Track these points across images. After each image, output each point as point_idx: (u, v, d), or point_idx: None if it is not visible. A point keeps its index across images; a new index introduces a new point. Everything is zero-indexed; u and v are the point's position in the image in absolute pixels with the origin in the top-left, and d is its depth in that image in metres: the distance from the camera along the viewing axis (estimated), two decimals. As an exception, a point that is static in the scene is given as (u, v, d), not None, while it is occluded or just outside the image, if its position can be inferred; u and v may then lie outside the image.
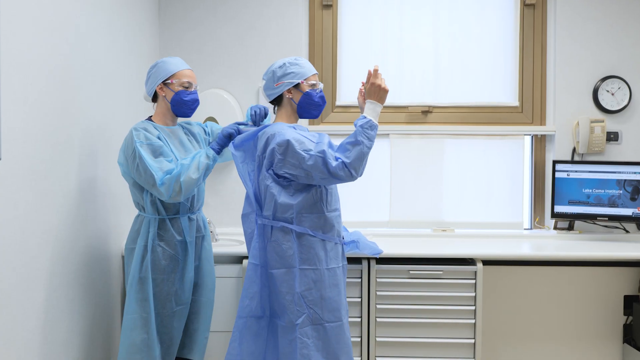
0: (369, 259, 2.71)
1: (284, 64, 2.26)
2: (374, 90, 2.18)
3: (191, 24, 3.26)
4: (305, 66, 2.27)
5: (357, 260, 2.69)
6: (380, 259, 2.70)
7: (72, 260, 2.27)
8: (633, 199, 3.05)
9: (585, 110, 3.23)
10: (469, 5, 3.32)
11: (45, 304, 2.07)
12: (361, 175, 2.13)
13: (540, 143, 3.35)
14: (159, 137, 2.29)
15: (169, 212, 2.33)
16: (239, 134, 2.33)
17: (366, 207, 3.31)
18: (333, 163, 2.07)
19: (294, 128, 2.22)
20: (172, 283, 2.32)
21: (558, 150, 3.25)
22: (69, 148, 2.25)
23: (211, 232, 3.01)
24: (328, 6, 3.34)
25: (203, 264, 2.46)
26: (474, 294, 2.69)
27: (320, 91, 2.28)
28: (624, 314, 3.14)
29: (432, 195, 3.29)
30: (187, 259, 2.36)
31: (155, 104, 2.40)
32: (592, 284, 3.15)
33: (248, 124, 2.40)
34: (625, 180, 3.06)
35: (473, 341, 2.69)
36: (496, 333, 3.16)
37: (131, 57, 2.88)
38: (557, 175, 3.13)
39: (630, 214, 3.05)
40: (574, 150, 3.23)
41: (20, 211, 1.91)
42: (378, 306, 2.70)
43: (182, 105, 2.34)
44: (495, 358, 3.16)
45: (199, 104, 2.40)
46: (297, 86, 2.25)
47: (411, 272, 2.70)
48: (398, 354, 2.71)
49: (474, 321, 2.69)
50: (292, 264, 2.15)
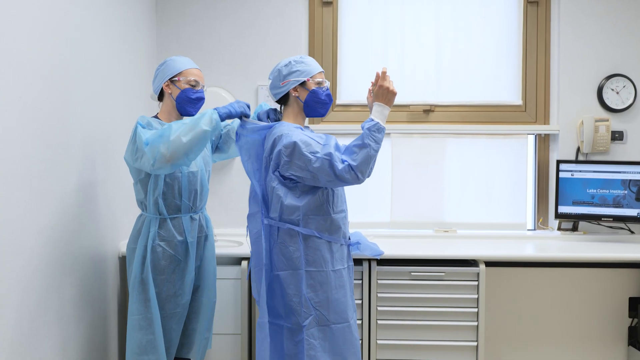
0: (369, 260, 2.70)
1: (290, 62, 2.25)
2: (381, 93, 2.17)
3: (189, 21, 3.25)
4: (312, 64, 2.26)
5: (358, 262, 2.69)
6: (381, 260, 2.69)
7: (68, 262, 2.26)
8: (638, 199, 3.03)
9: (590, 109, 3.21)
10: (472, 2, 3.31)
11: (39, 306, 2.05)
12: (368, 178, 2.13)
13: (543, 142, 3.33)
14: None
15: (170, 212, 2.30)
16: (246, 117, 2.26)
17: (367, 208, 3.30)
18: (339, 166, 2.07)
19: (301, 129, 2.21)
20: (172, 284, 2.30)
21: (562, 149, 3.23)
22: (66, 148, 2.23)
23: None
24: (328, 3, 3.32)
25: (205, 264, 2.44)
26: (476, 296, 2.69)
27: (327, 89, 2.28)
28: (629, 316, 3.13)
29: (434, 195, 3.27)
30: (188, 259, 2.34)
31: (161, 103, 2.40)
32: (597, 285, 3.14)
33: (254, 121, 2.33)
34: (631, 180, 3.04)
35: (475, 344, 2.68)
36: (499, 335, 3.14)
37: (128, 54, 2.87)
38: (561, 175, 3.11)
39: (636, 214, 3.03)
40: (578, 149, 3.22)
41: (16, 212, 1.89)
42: (379, 308, 2.70)
43: (188, 103, 2.32)
44: (498, 361, 3.16)
45: (204, 102, 2.39)
46: (303, 84, 2.24)
47: (412, 273, 2.70)
48: (399, 356, 2.70)
49: (476, 323, 2.68)
50: (298, 265, 2.15)
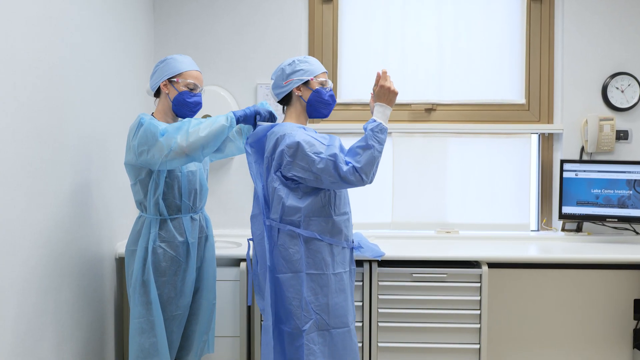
0: (370, 261, 2.69)
1: (293, 61, 2.25)
2: (383, 93, 2.17)
3: (187, 18, 3.23)
4: (315, 64, 2.27)
5: (358, 263, 2.67)
6: (383, 261, 2.68)
7: (64, 263, 2.25)
8: (644, 199, 3.01)
9: (594, 108, 3.19)
10: (474, -1, 3.29)
11: (36, 307, 2.04)
12: (372, 181, 2.12)
13: (547, 142, 3.30)
14: None
15: (170, 212, 2.29)
16: (262, 119, 2.26)
17: (368, 208, 3.28)
18: (344, 167, 2.06)
19: (304, 128, 2.19)
20: (174, 286, 2.29)
21: (566, 149, 3.21)
22: (62, 148, 2.22)
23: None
24: (328, 0, 3.29)
25: (205, 266, 2.43)
26: (479, 298, 2.67)
27: (330, 90, 2.28)
28: (634, 319, 3.11)
29: (436, 195, 3.26)
30: (189, 261, 2.32)
31: (157, 100, 2.37)
32: (601, 287, 3.12)
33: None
34: (636, 180, 3.02)
35: (478, 346, 2.67)
36: (502, 338, 3.13)
37: (125, 52, 2.85)
38: (565, 175, 3.09)
39: (641, 215, 3.01)
40: (582, 149, 3.19)
41: (11, 212, 1.88)
42: (380, 310, 2.69)
43: (184, 106, 2.30)
44: (501, 364, 3.15)
45: (201, 107, 2.37)
46: (306, 84, 2.24)
47: (414, 275, 2.69)
48: (400, 359, 2.68)
49: (479, 326, 2.67)
50: (299, 268, 2.13)
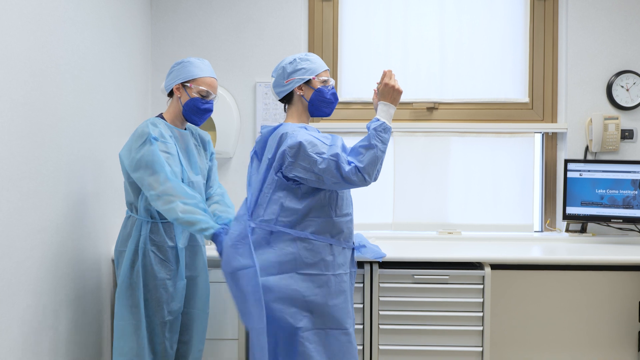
0: (371, 263, 2.67)
1: (295, 59, 2.23)
2: (387, 92, 2.15)
3: (184, 15, 3.21)
4: (317, 62, 2.24)
5: (359, 265, 2.65)
6: (384, 263, 2.67)
7: (59, 264, 2.23)
8: (649, 200, 2.99)
9: (599, 106, 3.17)
10: (477, -4, 3.28)
11: (30, 309, 2.03)
12: (375, 181, 2.09)
13: (551, 141, 3.29)
14: (171, 137, 2.26)
15: (162, 216, 2.27)
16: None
17: (368, 209, 3.26)
18: (346, 167, 2.03)
19: (306, 128, 2.17)
20: (165, 290, 2.26)
21: (570, 148, 3.19)
22: (57, 147, 2.20)
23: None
24: (329, -2, 3.27)
25: (197, 274, 2.41)
26: (481, 300, 2.66)
27: (332, 88, 2.26)
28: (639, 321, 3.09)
29: (438, 196, 3.24)
30: (179, 266, 2.30)
31: (170, 100, 2.36)
32: (606, 289, 3.11)
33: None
34: (641, 180, 3.01)
35: (481, 349, 2.65)
36: (505, 341, 3.11)
37: (122, 50, 2.83)
38: (569, 175, 3.07)
39: (647, 215, 2.99)
40: (586, 148, 3.18)
41: (5, 213, 1.86)
42: (381, 312, 2.67)
43: (195, 113, 2.29)
44: (504, 367, 3.14)
45: (211, 114, 2.35)
46: (308, 83, 2.22)
47: (416, 276, 2.67)
48: (402, 363, 2.68)
49: (481, 328, 2.65)
50: (292, 268, 2.10)
